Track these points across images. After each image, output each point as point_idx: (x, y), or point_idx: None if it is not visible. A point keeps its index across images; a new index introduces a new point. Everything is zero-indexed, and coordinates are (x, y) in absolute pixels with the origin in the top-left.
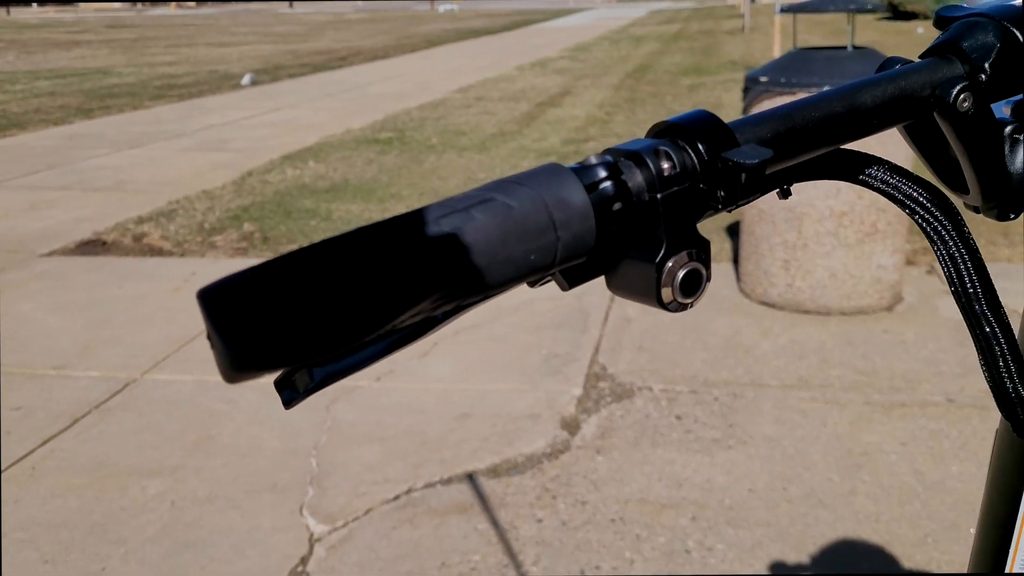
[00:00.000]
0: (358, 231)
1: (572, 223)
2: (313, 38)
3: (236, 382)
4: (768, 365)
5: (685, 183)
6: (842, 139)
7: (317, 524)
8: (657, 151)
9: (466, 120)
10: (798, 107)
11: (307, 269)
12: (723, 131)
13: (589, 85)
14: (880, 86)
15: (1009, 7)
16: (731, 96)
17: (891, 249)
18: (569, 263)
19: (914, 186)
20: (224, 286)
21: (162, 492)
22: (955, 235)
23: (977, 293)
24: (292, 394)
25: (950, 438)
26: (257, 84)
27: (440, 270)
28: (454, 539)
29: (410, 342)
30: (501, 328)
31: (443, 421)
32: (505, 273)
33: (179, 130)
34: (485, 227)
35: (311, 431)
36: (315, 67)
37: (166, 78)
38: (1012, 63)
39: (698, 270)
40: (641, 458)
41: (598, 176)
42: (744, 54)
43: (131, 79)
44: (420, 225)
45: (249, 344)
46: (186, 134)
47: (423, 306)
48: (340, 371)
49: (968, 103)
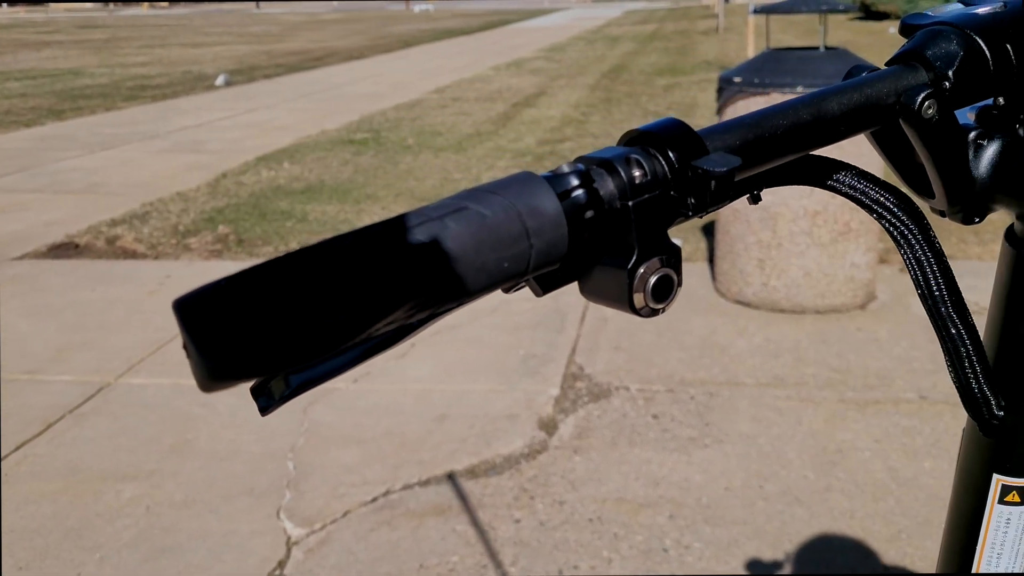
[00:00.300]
0: (332, 240)
1: (545, 231)
2: (288, 38)
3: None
4: (744, 364)
5: (656, 191)
6: (809, 146)
7: (294, 527)
8: (628, 159)
9: (442, 120)
10: (766, 115)
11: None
12: (693, 139)
13: (565, 85)
14: (846, 94)
15: (972, 16)
16: (706, 96)
17: (864, 248)
18: (542, 270)
19: (881, 191)
20: (200, 296)
21: (138, 497)
22: (921, 239)
23: (943, 296)
24: (268, 401)
25: (923, 435)
26: (232, 85)
27: (414, 279)
28: (432, 540)
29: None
30: (479, 329)
31: (421, 422)
32: (479, 281)
33: (153, 131)
34: (459, 236)
35: (288, 434)
36: (290, 68)
37: (139, 79)
38: (975, 71)
39: (669, 276)
40: (618, 457)
41: (570, 184)
42: (719, 54)
43: (103, 80)
44: (394, 234)
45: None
46: (160, 135)
47: (397, 315)
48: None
49: (932, 110)
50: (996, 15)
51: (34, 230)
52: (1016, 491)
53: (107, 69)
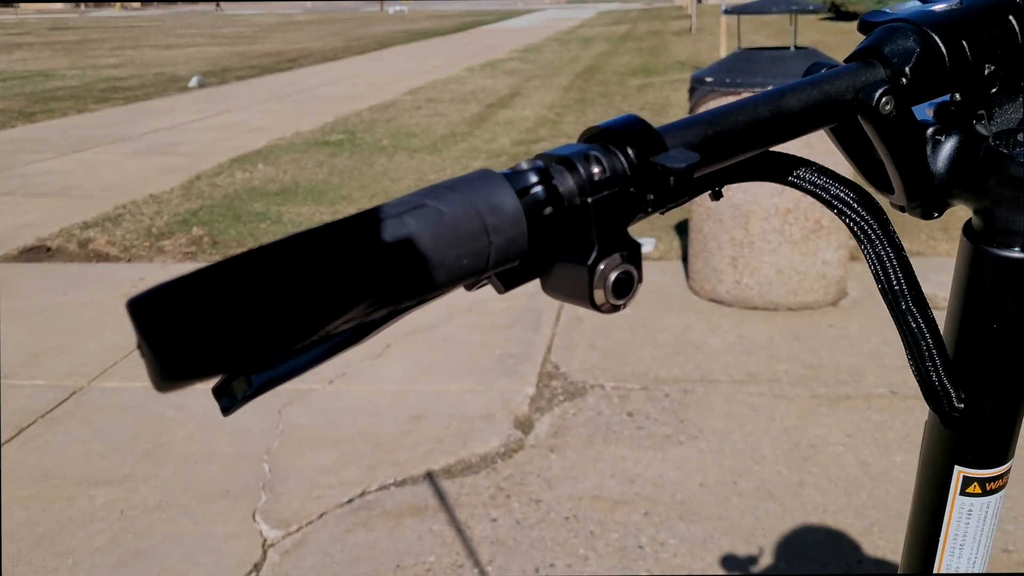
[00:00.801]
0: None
1: (504, 228)
2: (261, 40)
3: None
4: (717, 361)
5: (615, 187)
6: (769, 142)
7: (270, 529)
8: (587, 156)
9: (417, 122)
10: (725, 112)
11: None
12: (652, 136)
13: (539, 86)
14: (805, 90)
15: (929, 13)
16: (679, 96)
17: (835, 245)
18: (503, 267)
19: (841, 187)
20: (154, 294)
21: (111, 501)
22: (881, 234)
23: (903, 290)
24: (230, 401)
25: (894, 429)
26: (205, 86)
27: (371, 277)
28: (409, 541)
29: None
30: (454, 328)
31: (397, 423)
32: (438, 278)
33: (125, 134)
34: (417, 233)
35: (263, 435)
36: (264, 69)
37: (111, 81)
38: (932, 67)
39: (629, 272)
40: (594, 455)
41: (529, 181)
42: (691, 54)
43: (75, 82)
44: (351, 232)
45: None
46: (132, 138)
47: (355, 312)
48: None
49: (890, 106)
50: (952, 12)
51: (5, 233)
52: (977, 482)
53: (78, 71)
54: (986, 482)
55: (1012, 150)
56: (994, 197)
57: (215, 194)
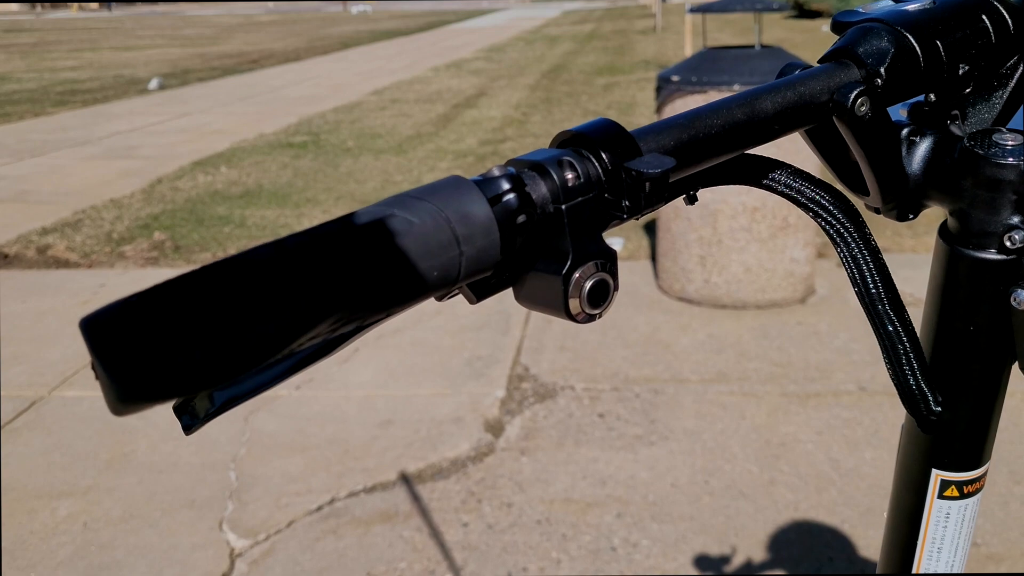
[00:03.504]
0: (250, 252)
1: (475, 238)
2: (223, 41)
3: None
4: (687, 360)
5: (589, 193)
6: (744, 145)
7: (238, 539)
8: (561, 162)
9: (382, 122)
10: (699, 115)
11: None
12: (626, 140)
13: (505, 86)
14: (780, 92)
15: (903, 13)
16: (645, 95)
17: (803, 243)
18: (475, 277)
19: (816, 189)
20: (108, 313)
21: (74, 514)
22: (857, 236)
23: (880, 293)
24: (192, 419)
25: (863, 425)
26: (165, 88)
27: (337, 292)
28: (379, 548)
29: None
30: (423, 332)
31: (366, 428)
32: (407, 291)
33: (84, 137)
34: (385, 245)
35: (229, 443)
36: (225, 70)
37: (69, 83)
38: (906, 68)
39: (605, 280)
40: (565, 457)
41: (501, 189)
42: (657, 53)
43: (31, 85)
44: (315, 245)
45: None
46: (91, 141)
47: (320, 328)
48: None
49: (865, 107)
50: (926, 11)
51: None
52: (955, 486)
53: (35, 74)
54: (963, 485)
55: (987, 151)
56: (969, 198)
57: (177, 198)
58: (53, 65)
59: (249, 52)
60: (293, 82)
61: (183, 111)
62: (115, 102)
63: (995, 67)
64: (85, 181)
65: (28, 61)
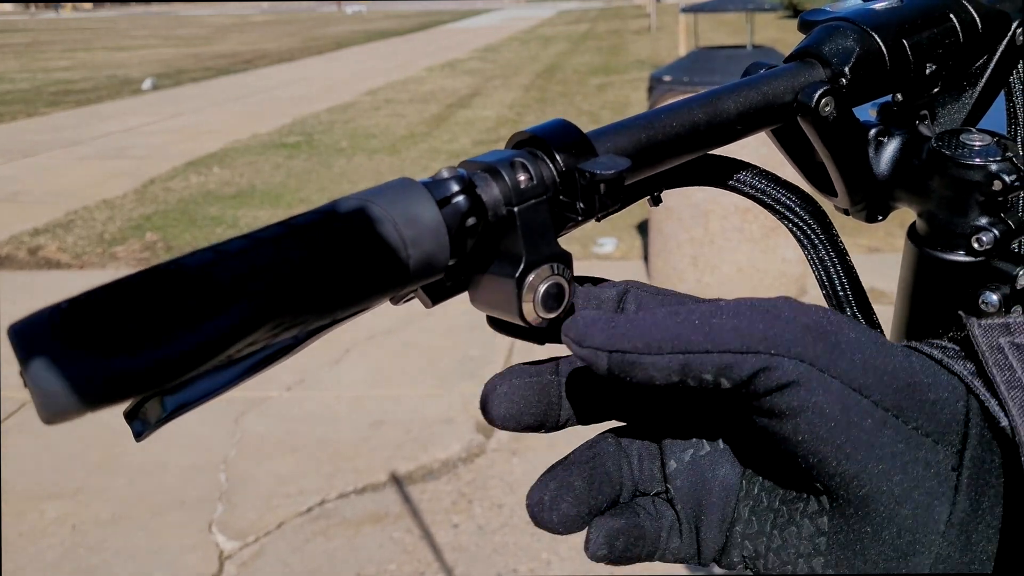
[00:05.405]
0: (188, 256)
1: (423, 240)
2: (217, 41)
3: (55, 423)
4: None
5: (543, 195)
6: (705, 146)
7: (227, 541)
8: (513, 163)
9: (375, 123)
10: (659, 115)
11: (126, 300)
12: (582, 141)
13: (499, 86)
14: (743, 92)
15: (869, 12)
16: (639, 95)
17: (794, 243)
18: (424, 281)
19: (782, 190)
20: (38, 320)
21: (63, 516)
22: (824, 239)
23: (847, 296)
24: (143, 425)
25: None
26: (158, 89)
27: (274, 297)
28: (369, 549)
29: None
30: (414, 332)
31: (356, 429)
32: (350, 296)
33: (76, 137)
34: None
35: (220, 445)
36: (219, 71)
37: (62, 84)
38: (872, 67)
39: (560, 284)
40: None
41: (451, 191)
42: (651, 53)
43: (24, 85)
44: (254, 248)
45: (64, 382)
46: (84, 142)
47: (259, 335)
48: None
49: (830, 107)
50: (893, 11)
51: None
52: None
53: (28, 74)
54: None
55: (954, 151)
56: (938, 200)
57: (169, 198)
58: (46, 65)
59: (243, 52)
60: (287, 82)
61: (176, 111)
62: (108, 102)
63: (964, 67)
64: (77, 181)
65: (21, 61)
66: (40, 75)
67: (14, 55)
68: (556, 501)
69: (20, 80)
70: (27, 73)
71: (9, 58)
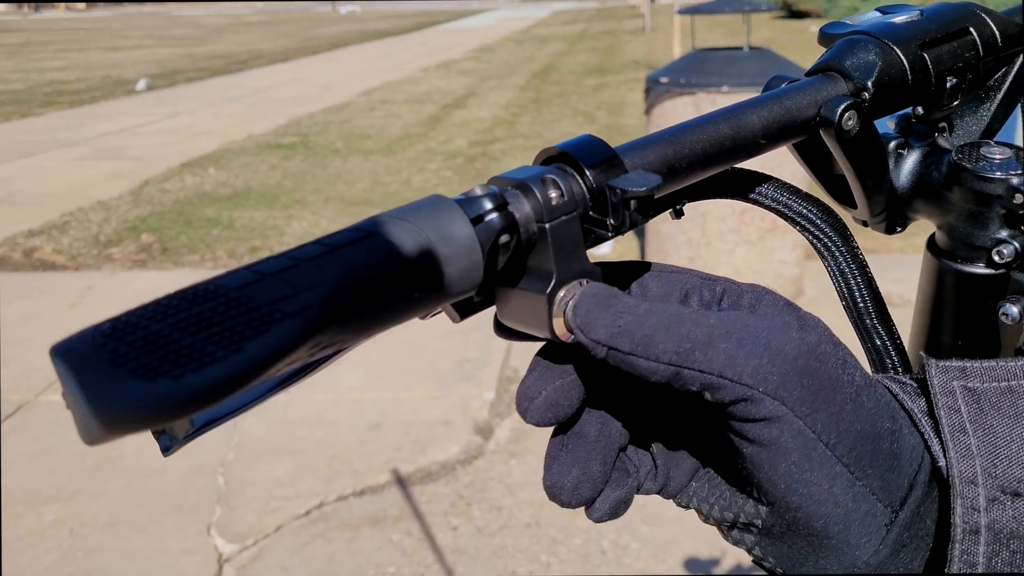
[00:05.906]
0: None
1: (458, 258)
2: (211, 41)
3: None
4: None
5: (573, 211)
6: (730, 160)
7: (226, 544)
8: (544, 179)
9: (371, 123)
10: (685, 130)
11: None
12: (611, 157)
13: (495, 86)
14: (766, 107)
15: (889, 25)
16: (634, 95)
17: (791, 244)
18: (457, 298)
19: (803, 203)
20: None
21: (61, 519)
22: (844, 250)
23: (867, 307)
24: (171, 441)
25: None
26: (153, 89)
27: (312, 317)
28: (368, 552)
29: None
30: (412, 335)
31: (355, 432)
32: (386, 315)
33: (71, 138)
34: (363, 267)
35: (218, 448)
36: (214, 71)
37: (56, 84)
38: (894, 81)
39: None
40: None
41: (484, 208)
42: (646, 54)
43: (18, 86)
44: (292, 268)
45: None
46: (78, 142)
47: (299, 354)
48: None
49: (853, 121)
50: (913, 24)
51: None
52: None
53: (22, 74)
54: None
55: (974, 164)
56: (957, 212)
57: (165, 200)
58: (40, 65)
59: (238, 52)
60: (282, 83)
61: (171, 112)
62: (102, 103)
63: (983, 79)
64: (72, 182)
65: (15, 61)
66: (34, 75)
67: (7, 55)
68: (578, 488)
69: (14, 80)
70: (21, 73)
71: (2, 58)
